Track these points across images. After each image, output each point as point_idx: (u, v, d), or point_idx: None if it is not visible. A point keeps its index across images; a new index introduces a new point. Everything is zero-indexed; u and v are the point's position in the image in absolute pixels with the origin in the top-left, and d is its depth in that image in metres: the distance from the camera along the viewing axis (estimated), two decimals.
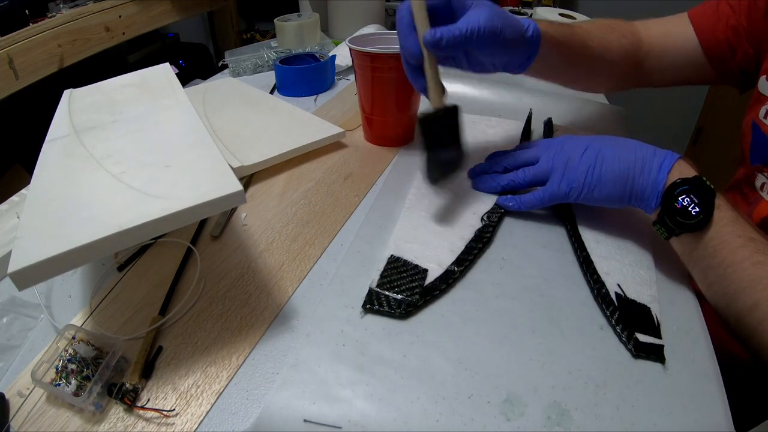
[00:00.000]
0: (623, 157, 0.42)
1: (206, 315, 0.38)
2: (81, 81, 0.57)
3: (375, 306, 0.37)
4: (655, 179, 0.40)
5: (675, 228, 0.38)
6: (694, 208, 0.37)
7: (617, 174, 0.42)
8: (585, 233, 0.45)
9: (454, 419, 0.30)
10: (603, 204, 0.44)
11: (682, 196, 0.38)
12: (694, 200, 0.37)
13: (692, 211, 0.37)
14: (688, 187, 0.38)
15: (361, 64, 0.57)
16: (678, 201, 0.38)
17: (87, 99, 0.50)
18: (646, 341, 0.34)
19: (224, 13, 1.68)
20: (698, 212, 0.37)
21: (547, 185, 0.46)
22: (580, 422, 0.30)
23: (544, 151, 0.47)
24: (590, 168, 0.43)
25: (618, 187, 0.42)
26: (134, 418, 0.31)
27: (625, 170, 0.42)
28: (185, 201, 0.32)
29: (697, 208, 0.37)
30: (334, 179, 0.56)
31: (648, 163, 0.41)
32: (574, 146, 0.45)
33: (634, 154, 0.42)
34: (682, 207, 0.38)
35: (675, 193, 0.38)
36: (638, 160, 0.41)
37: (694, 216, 0.37)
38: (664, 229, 0.39)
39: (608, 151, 0.43)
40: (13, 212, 0.48)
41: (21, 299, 0.40)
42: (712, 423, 0.30)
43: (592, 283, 0.39)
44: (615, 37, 0.57)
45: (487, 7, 0.44)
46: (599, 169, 0.42)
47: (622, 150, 0.43)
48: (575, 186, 0.43)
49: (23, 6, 0.94)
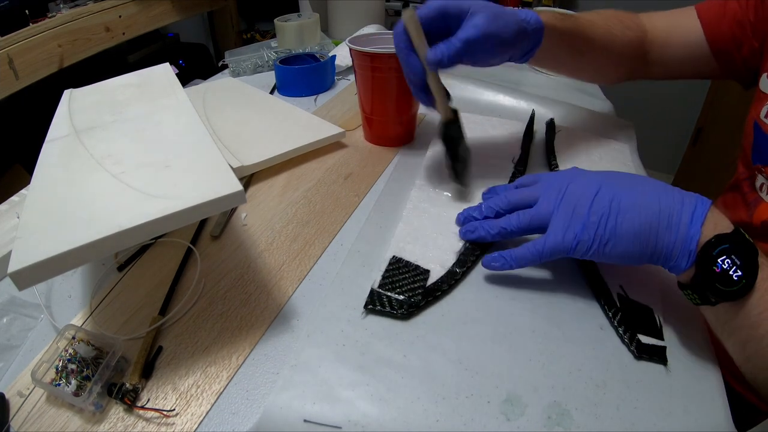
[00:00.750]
0: (645, 206, 0.34)
1: (206, 315, 0.38)
2: (81, 81, 0.57)
3: (377, 306, 0.37)
4: (686, 235, 0.33)
5: (712, 296, 0.32)
6: (735, 272, 0.31)
7: (637, 228, 0.34)
8: None
9: (454, 419, 0.30)
10: (617, 262, 0.36)
11: (722, 257, 0.31)
12: (736, 262, 0.31)
13: (734, 276, 0.31)
14: (727, 246, 0.31)
15: (361, 64, 0.57)
16: (717, 264, 0.31)
17: (87, 99, 0.50)
18: (648, 342, 0.34)
19: (224, 13, 1.68)
20: (740, 276, 0.31)
21: (548, 234, 0.37)
22: (580, 422, 0.30)
23: (544, 189, 0.39)
24: (603, 218, 0.35)
25: (638, 243, 0.34)
26: (134, 418, 0.31)
27: (647, 223, 0.34)
28: (185, 201, 0.32)
29: (740, 272, 0.31)
30: (334, 179, 0.56)
31: (676, 214, 0.34)
32: (583, 188, 0.37)
33: (658, 202, 0.34)
34: (722, 271, 0.31)
35: (713, 254, 0.31)
36: (664, 210, 0.34)
37: (736, 281, 0.31)
38: (697, 296, 0.33)
39: (626, 196, 0.35)
40: (13, 212, 0.48)
41: (21, 299, 0.40)
42: (713, 423, 0.30)
43: (594, 284, 0.39)
44: (619, 28, 0.56)
45: (483, 14, 0.42)
46: (614, 220, 0.35)
47: (643, 196, 0.35)
48: (584, 239, 0.35)
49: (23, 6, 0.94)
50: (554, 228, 0.37)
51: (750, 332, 0.32)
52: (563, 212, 0.37)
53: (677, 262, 0.34)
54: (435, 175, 0.55)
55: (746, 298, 0.31)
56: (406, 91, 0.58)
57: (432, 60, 0.43)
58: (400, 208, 0.49)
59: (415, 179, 0.54)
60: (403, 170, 0.57)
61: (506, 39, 0.44)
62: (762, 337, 0.31)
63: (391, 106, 0.60)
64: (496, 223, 0.41)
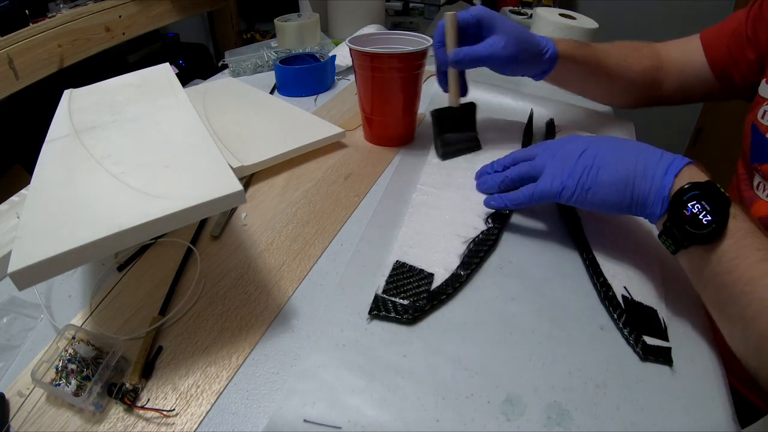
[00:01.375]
0: (625, 160, 0.39)
1: (206, 315, 0.38)
2: (81, 81, 0.57)
3: (382, 312, 0.37)
4: (660, 183, 0.36)
5: (683, 239, 0.34)
6: (705, 216, 0.33)
7: (615, 178, 0.39)
8: (590, 235, 0.45)
9: (454, 419, 0.30)
10: (600, 209, 0.41)
11: (692, 203, 0.33)
12: (705, 207, 0.33)
13: (703, 220, 0.33)
14: (698, 192, 0.34)
15: (361, 64, 0.57)
16: (687, 208, 0.34)
17: (87, 99, 0.50)
18: (653, 344, 0.34)
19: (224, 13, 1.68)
20: (710, 221, 0.33)
21: (539, 181, 0.43)
22: (580, 422, 0.30)
23: (543, 149, 0.46)
24: (586, 169, 0.40)
25: (616, 191, 0.39)
26: (134, 418, 0.31)
27: (625, 174, 0.38)
28: (185, 201, 0.32)
29: (710, 216, 0.33)
30: (334, 179, 0.56)
31: (652, 167, 0.37)
32: (573, 146, 0.43)
33: (636, 157, 0.39)
34: (692, 214, 0.33)
35: (684, 198, 0.34)
36: (641, 163, 0.38)
37: (706, 225, 0.33)
38: (671, 241, 0.35)
39: (608, 153, 0.40)
40: (13, 212, 0.48)
41: (21, 299, 0.40)
42: (715, 423, 0.30)
43: (598, 286, 0.39)
44: (635, 57, 0.61)
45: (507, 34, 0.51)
46: (596, 171, 0.40)
47: (625, 153, 0.40)
48: (568, 185, 0.41)
49: (23, 6, 0.94)
50: (545, 176, 0.43)
51: (723, 278, 0.33)
52: (554, 165, 0.43)
53: (652, 209, 0.37)
54: (436, 177, 0.55)
55: (718, 243, 0.33)
56: (406, 92, 0.58)
57: (452, 58, 0.52)
58: (402, 210, 0.49)
59: (416, 182, 0.54)
60: (403, 170, 0.57)
61: (521, 60, 0.53)
62: (734, 283, 0.32)
63: (391, 106, 0.59)
64: (501, 174, 0.49)
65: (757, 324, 0.31)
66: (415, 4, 1.44)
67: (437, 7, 1.37)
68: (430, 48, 0.56)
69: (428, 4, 1.41)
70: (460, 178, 0.54)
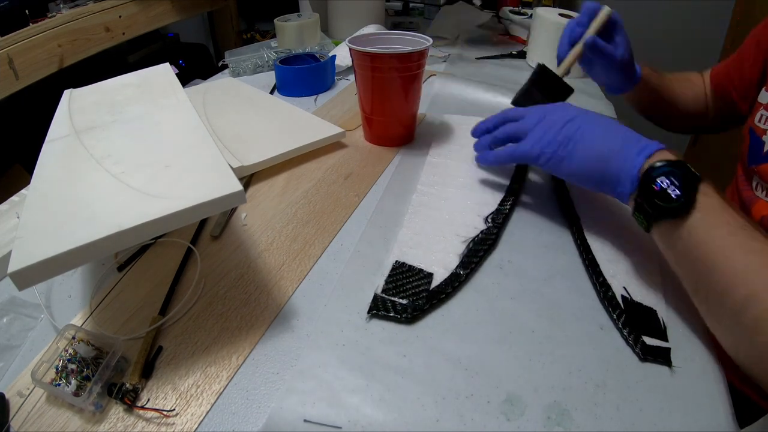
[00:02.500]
0: (604, 138, 0.41)
1: (206, 315, 0.38)
2: (81, 81, 0.57)
3: (381, 311, 0.37)
4: (632, 163, 0.38)
5: (654, 213, 0.35)
6: (674, 191, 0.34)
7: (591, 153, 0.41)
8: (590, 235, 0.45)
9: (454, 419, 0.30)
10: (569, 179, 0.44)
11: (662, 178, 0.35)
12: (674, 182, 0.34)
13: (672, 194, 0.34)
14: (668, 169, 0.35)
15: (361, 64, 0.57)
16: (656, 183, 0.35)
17: (87, 99, 0.50)
18: (652, 344, 0.34)
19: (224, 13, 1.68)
20: (679, 195, 0.34)
21: (521, 143, 0.46)
22: (580, 422, 0.30)
23: (532, 112, 0.48)
24: (567, 139, 0.42)
25: (589, 164, 0.41)
26: (134, 418, 0.31)
27: (600, 152, 0.40)
28: (185, 201, 0.32)
29: (678, 191, 0.34)
30: (334, 179, 0.56)
31: (627, 149, 0.39)
32: (560, 114, 0.45)
33: (615, 137, 0.40)
34: (661, 189, 0.35)
35: (653, 174, 0.35)
36: (617, 143, 0.40)
37: (675, 199, 0.34)
38: (643, 216, 0.37)
39: (591, 128, 0.42)
40: (13, 212, 0.48)
41: (21, 299, 0.40)
42: (715, 423, 0.30)
43: (598, 286, 0.39)
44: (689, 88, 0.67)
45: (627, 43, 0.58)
46: (574, 143, 0.42)
47: (606, 131, 0.42)
48: (546, 151, 0.43)
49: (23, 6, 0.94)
50: (528, 139, 0.45)
51: (694, 252, 0.34)
52: (538, 129, 0.45)
53: (622, 187, 0.39)
54: (437, 178, 0.55)
55: (687, 217, 0.34)
56: (406, 92, 0.58)
57: (589, 41, 0.55)
58: (402, 210, 0.49)
59: (416, 182, 0.54)
60: (403, 170, 0.57)
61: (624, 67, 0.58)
62: (705, 257, 0.33)
63: (391, 106, 0.59)
64: (491, 134, 0.51)
65: (729, 296, 0.31)
66: (415, 4, 1.44)
67: (437, 7, 1.37)
68: (430, 48, 0.56)
69: (428, 4, 1.41)
70: (460, 178, 0.54)
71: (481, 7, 1.36)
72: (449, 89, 0.80)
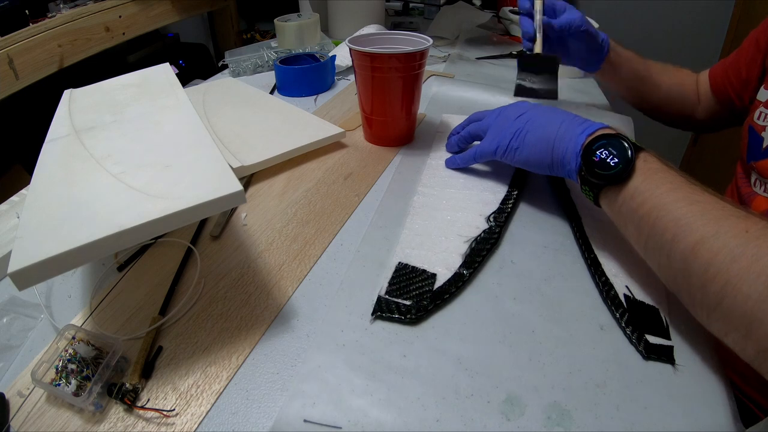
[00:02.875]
0: (550, 125, 0.44)
1: (206, 315, 0.38)
2: (81, 81, 0.57)
3: (385, 313, 0.37)
4: (575, 141, 0.40)
5: (597, 182, 0.38)
6: (612, 159, 0.37)
7: (539, 139, 0.44)
8: (591, 235, 0.45)
9: (454, 419, 0.30)
10: (525, 167, 0.47)
11: (600, 150, 0.38)
12: (612, 152, 0.37)
13: (611, 162, 0.37)
14: (605, 141, 0.38)
15: (361, 64, 0.57)
16: (596, 155, 0.38)
17: (87, 99, 0.50)
18: (656, 343, 0.34)
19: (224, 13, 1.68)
20: (617, 162, 0.37)
21: (482, 141, 0.50)
22: (580, 422, 0.30)
23: (491, 112, 0.52)
24: (517, 131, 0.46)
25: (538, 151, 0.44)
26: (134, 418, 0.31)
27: (547, 136, 0.43)
28: (185, 201, 0.32)
29: (616, 159, 0.37)
30: (334, 179, 0.56)
31: (571, 131, 0.42)
32: (512, 110, 0.48)
33: (560, 123, 0.43)
34: (600, 159, 0.38)
35: (593, 148, 0.38)
36: (563, 128, 0.42)
37: (613, 166, 0.37)
38: (588, 188, 0.39)
39: (538, 118, 0.45)
40: (13, 212, 0.48)
41: (21, 299, 0.40)
42: (716, 423, 0.30)
43: (600, 285, 0.39)
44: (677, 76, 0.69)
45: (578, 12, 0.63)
46: (524, 133, 0.45)
47: (552, 119, 0.44)
48: (501, 145, 0.47)
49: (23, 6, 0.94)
50: (487, 136, 0.50)
51: (639, 212, 0.35)
52: (495, 126, 0.49)
53: (569, 165, 0.41)
54: (437, 178, 0.55)
55: (629, 181, 0.36)
56: (406, 92, 0.58)
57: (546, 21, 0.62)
58: (403, 210, 0.49)
59: (417, 183, 0.54)
60: (403, 170, 0.57)
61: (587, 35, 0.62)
62: (649, 213, 0.34)
63: (391, 106, 0.59)
64: (457, 135, 0.57)
65: (677, 245, 0.32)
66: (415, 4, 1.44)
67: (437, 7, 1.37)
68: (430, 48, 0.56)
69: (428, 4, 1.41)
70: (461, 179, 0.54)
71: (481, 7, 1.36)
72: (449, 89, 0.80)
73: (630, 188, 0.36)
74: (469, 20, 1.19)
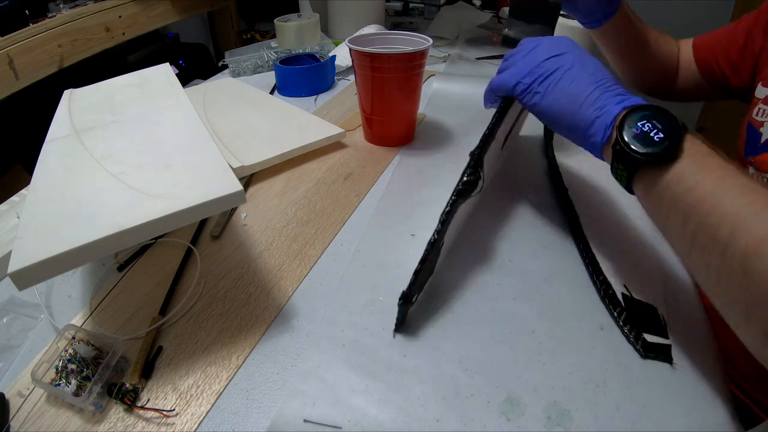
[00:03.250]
0: (583, 79, 0.37)
1: (206, 315, 0.38)
2: (81, 81, 0.57)
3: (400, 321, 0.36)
4: (609, 110, 0.34)
5: (636, 160, 0.31)
6: (657, 134, 0.30)
7: (565, 92, 0.37)
8: (589, 234, 0.45)
9: (454, 419, 0.30)
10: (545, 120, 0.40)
11: (642, 122, 0.31)
12: (657, 126, 0.31)
13: (655, 137, 0.30)
14: (648, 112, 0.32)
15: (361, 64, 0.57)
16: (637, 126, 0.31)
17: (87, 99, 0.50)
18: (653, 341, 0.34)
19: (224, 13, 1.68)
20: (662, 138, 0.30)
21: (503, 73, 0.43)
22: (580, 422, 0.30)
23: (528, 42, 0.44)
24: (544, 74, 0.39)
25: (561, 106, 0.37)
26: (134, 418, 0.31)
27: (577, 93, 0.37)
28: (185, 201, 0.32)
29: (662, 134, 0.30)
30: (334, 179, 0.56)
31: (606, 95, 0.35)
32: (549, 47, 0.41)
33: (597, 83, 0.36)
34: (642, 132, 0.31)
35: (633, 118, 0.32)
36: (599, 89, 0.36)
37: (658, 142, 0.30)
38: (623, 166, 0.32)
39: (574, 68, 0.38)
40: (13, 212, 0.48)
41: (21, 299, 0.40)
42: (715, 423, 0.30)
43: (598, 284, 0.39)
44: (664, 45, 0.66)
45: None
46: (554, 81, 0.38)
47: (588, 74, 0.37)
48: (522, 82, 0.40)
49: (23, 6, 0.94)
50: (509, 70, 0.42)
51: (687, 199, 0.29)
52: (522, 62, 0.41)
53: (594, 136, 0.35)
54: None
55: (674, 163, 0.30)
56: (406, 91, 0.58)
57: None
58: (405, 210, 0.49)
59: (417, 184, 0.54)
60: (403, 170, 0.57)
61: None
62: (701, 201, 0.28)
63: (391, 106, 0.59)
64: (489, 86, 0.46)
65: (737, 241, 0.26)
66: (415, 4, 1.44)
67: (437, 7, 1.37)
68: (430, 48, 0.56)
69: (428, 4, 1.41)
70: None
71: (481, 7, 1.36)
72: (449, 89, 0.80)
73: (677, 170, 0.30)
74: (469, 20, 1.19)
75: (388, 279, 0.41)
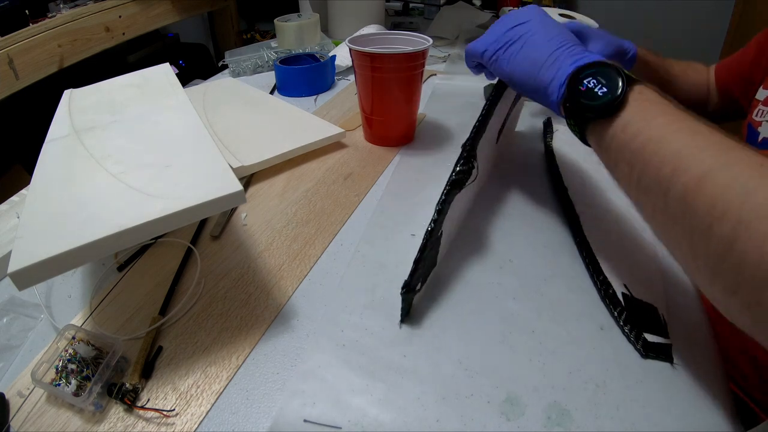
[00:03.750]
0: (545, 45, 0.39)
1: (206, 315, 0.38)
2: (81, 81, 0.57)
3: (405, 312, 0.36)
4: (564, 70, 0.36)
5: (583, 114, 0.34)
6: (600, 89, 0.33)
7: (527, 58, 0.39)
8: (589, 234, 0.45)
9: (454, 419, 0.30)
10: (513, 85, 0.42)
11: (588, 79, 0.34)
12: (601, 81, 0.33)
13: (599, 92, 0.33)
14: (594, 70, 0.34)
15: (361, 64, 0.57)
16: (582, 84, 0.34)
17: (87, 99, 0.50)
18: (654, 341, 0.34)
19: (224, 13, 1.68)
20: (606, 92, 0.32)
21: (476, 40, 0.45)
22: (580, 422, 0.30)
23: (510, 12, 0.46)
24: (509, 42, 0.41)
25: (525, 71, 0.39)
26: (134, 418, 0.31)
27: (537, 58, 0.38)
28: (185, 201, 0.32)
29: (605, 89, 0.32)
30: (334, 179, 0.56)
31: (563, 58, 0.37)
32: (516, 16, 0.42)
33: (556, 47, 0.38)
34: (588, 89, 0.33)
35: (580, 77, 0.34)
36: (557, 52, 0.38)
37: (601, 96, 0.32)
38: (574, 121, 0.35)
39: (537, 35, 0.40)
40: (13, 212, 0.48)
41: (21, 299, 0.40)
42: (715, 423, 0.30)
43: (598, 284, 0.39)
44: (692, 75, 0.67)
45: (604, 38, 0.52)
46: (519, 46, 0.40)
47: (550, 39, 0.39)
48: (489, 50, 0.42)
49: (23, 6, 0.94)
50: (480, 38, 0.44)
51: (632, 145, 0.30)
52: (491, 30, 0.44)
53: (551, 95, 0.37)
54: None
55: (620, 113, 0.32)
56: (406, 92, 0.58)
57: None
58: (403, 210, 0.49)
59: (416, 184, 0.54)
60: (403, 170, 0.57)
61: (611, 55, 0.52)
62: (644, 145, 0.30)
63: (391, 106, 0.60)
64: None
65: (677, 180, 0.27)
66: (415, 4, 1.44)
67: (437, 7, 1.37)
68: (430, 48, 0.56)
69: (428, 4, 1.41)
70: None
71: (481, 7, 1.36)
72: (449, 89, 0.80)
73: (621, 120, 0.32)
74: (469, 20, 1.19)
75: (388, 279, 0.41)
